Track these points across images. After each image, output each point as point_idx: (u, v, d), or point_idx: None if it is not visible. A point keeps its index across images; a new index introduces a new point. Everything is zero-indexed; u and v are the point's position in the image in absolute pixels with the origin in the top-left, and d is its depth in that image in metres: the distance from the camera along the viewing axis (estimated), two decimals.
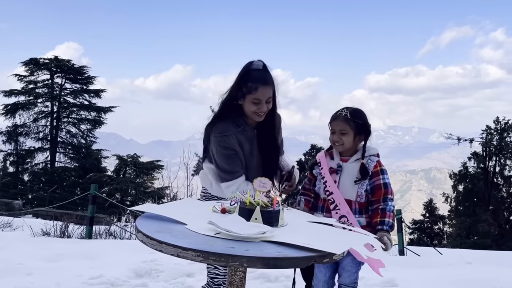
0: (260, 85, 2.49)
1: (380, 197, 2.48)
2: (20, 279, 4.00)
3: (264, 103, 2.51)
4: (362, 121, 2.49)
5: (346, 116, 2.47)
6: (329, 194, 2.47)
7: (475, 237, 23.95)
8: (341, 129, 2.46)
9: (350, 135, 2.46)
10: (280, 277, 4.38)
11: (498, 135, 26.28)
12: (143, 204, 2.19)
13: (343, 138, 2.46)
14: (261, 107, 2.51)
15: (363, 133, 2.50)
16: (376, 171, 2.50)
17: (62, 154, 26.30)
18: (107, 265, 4.63)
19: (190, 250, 1.53)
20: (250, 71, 2.54)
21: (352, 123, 2.46)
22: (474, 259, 6.50)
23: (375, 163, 2.51)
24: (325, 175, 2.49)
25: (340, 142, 2.47)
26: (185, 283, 4.22)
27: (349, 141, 2.47)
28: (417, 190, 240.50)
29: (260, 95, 2.49)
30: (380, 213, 2.45)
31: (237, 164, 2.54)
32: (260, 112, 2.53)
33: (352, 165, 2.50)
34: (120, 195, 21.81)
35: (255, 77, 2.51)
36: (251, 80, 2.50)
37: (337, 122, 2.49)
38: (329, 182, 2.48)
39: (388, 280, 4.41)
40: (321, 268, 2.58)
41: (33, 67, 25.68)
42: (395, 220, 2.57)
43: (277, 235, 1.74)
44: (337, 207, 2.44)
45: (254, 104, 2.51)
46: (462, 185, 26.52)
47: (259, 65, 2.56)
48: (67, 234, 7.56)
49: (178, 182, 10.84)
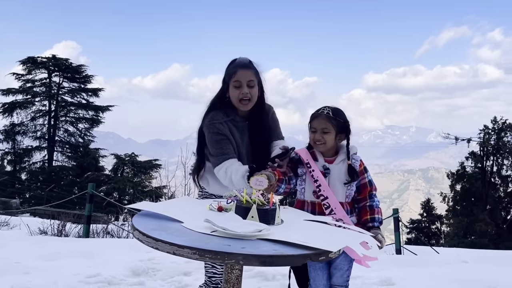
0: (239, 68, 2.57)
1: (366, 194, 2.51)
2: (17, 278, 4.00)
3: (246, 86, 2.55)
4: (343, 119, 2.46)
5: (328, 114, 2.42)
6: (324, 198, 2.40)
7: (472, 237, 23.99)
8: (323, 128, 2.41)
9: (332, 134, 2.42)
10: (277, 275, 4.39)
11: (495, 135, 26.31)
12: (140, 202, 2.19)
13: (325, 137, 2.42)
14: (243, 89, 2.55)
15: (343, 132, 2.47)
16: (361, 170, 2.50)
17: (59, 153, 26.27)
18: (104, 263, 4.63)
19: (186, 247, 1.53)
20: (230, 64, 2.65)
21: (334, 121, 2.42)
22: (471, 258, 6.53)
23: (359, 162, 2.50)
24: (319, 178, 2.41)
25: (322, 141, 2.42)
26: (182, 282, 4.23)
27: (331, 140, 2.43)
28: (414, 190, 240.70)
29: (239, 77, 2.55)
30: (368, 210, 2.48)
31: (227, 147, 2.54)
32: (244, 96, 2.56)
33: (339, 166, 2.46)
34: (118, 194, 21.78)
35: (235, 64, 2.61)
36: (230, 69, 2.60)
37: (319, 120, 2.43)
38: (324, 186, 2.41)
39: (385, 279, 4.43)
40: (318, 272, 2.53)
41: (31, 66, 25.60)
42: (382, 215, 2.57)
43: (273, 233, 1.74)
44: (332, 211, 2.38)
45: (236, 89, 2.56)
46: (460, 184, 26.55)
47: (242, 58, 2.65)
48: (65, 233, 7.55)
49: (176, 181, 10.84)
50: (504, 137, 26.18)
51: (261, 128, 2.69)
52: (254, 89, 2.59)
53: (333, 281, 2.54)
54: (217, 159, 2.52)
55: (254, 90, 2.59)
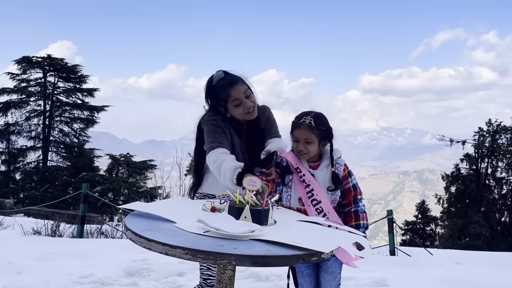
0: (230, 88, 2.56)
1: (351, 199, 2.48)
2: (10, 278, 3.99)
3: (245, 99, 2.57)
4: (325, 127, 2.40)
5: (310, 124, 2.36)
6: (317, 203, 2.36)
7: (466, 239, 24.06)
8: (305, 138, 2.36)
9: (315, 143, 2.37)
10: (271, 276, 4.39)
11: (490, 137, 26.43)
12: (133, 202, 2.19)
13: (308, 147, 2.37)
14: (245, 104, 2.57)
15: (326, 139, 2.42)
16: (345, 175, 2.47)
17: (54, 153, 26.17)
18: (98, 264, 4.63)
19: (179, 248, 1.53)
20: (213, 86, 2.62)
21: (317, 130, 2.36)
22: (464, 259, 6.55)
23: (343, 166, 2.46)
24: (311, 182, 2.38)
25: (305, 151, 2.38)
26: (176, 282, 4.22)
27: (314, 149, 2.39)
28: (409, 191, 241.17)
29: (236, 95, 2.56)
30: (353, 216, 2.46)
31: (221, 137, 2.53)
32: (247, 109, 2.58)
33: (323, 172, 2.42)
34: (112, 195, 21.72)
35: (221, 86, 2.59)
36: (220, 91, 2.58)
37: (301, 130, 2.37)
38: (316, 190, 2.37)
39: (378, 280, 4.43)
40: (306, 278, 2.51)
41: (25, 66, 25.46)
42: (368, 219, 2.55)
43: (266, 233, 1.74)
44: (325, 216, 2.35)
45: (237, 107, 2.57)
46: (455, 186, 26.64)
47: (219, 75, 2.63)
48: (58, 233, 7.52)
49: (171, 182, 10.84)
50: (498, 139, 26.31)
51: (257, 130, 2.70)
52: (251, 96, 2.62)
53: (325, 286, 2.50)
54: (211, 146, 2.51)
55: (252, 97, 2.63)
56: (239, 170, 2.27)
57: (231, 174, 2.30)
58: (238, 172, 2.27)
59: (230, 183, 2.30)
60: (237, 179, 2.24)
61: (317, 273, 2.53)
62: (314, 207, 2.37)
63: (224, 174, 2.34)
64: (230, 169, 2.31)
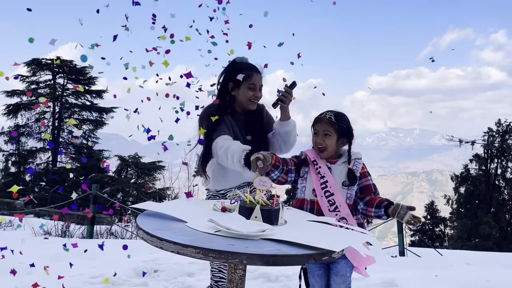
0: (255, 72, 2.76)
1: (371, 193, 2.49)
2: (20, 278, 4.02)
3: (258, 90, 2.77)
4: (345, 124, 2.50)
5: (330, 118, 2.48)
6: (330, 195, 2.41)
7: (476, 239, 23.91)
8: (324, 130, 2.47)
9: (333, 138, 2.47)
10: (281, 277, 4.38)
11: (500, 137, 26.27)
12: (144, 202, 2.20)
13: (326, 140, 2.46)
14: (256, 92, 2.75)
15: (345, 137, 2.51)
16: (364, 172, 2.51)
17: (63, 155, 26.34)
18: (108, 264, 4.65)
19: (190, 247, 1.54)
20: (238, 63, 2.80)
21: (336, 125, 2.47)
22: (474, 260, 6.51)
23: (361, 165, 2.52)
24: (326, 174, 2.44)
25: (323, 144, 2.46)
26: (185, 283, 4.23)
27: (332, 144, 2.47)
28: (418, 192, 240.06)
29: (255, 81, 2.75)
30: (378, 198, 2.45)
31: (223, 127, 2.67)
32: (256, 98, 2.76)
33: (340, 168, 2.48)
34: (121, 196, 21.81)
35: (248, 66, 2.78)
36: (245, 68, 2.75)
37: (321, 124, 2.49)
38: (331, 182, 2.42)
39: (388, 280, 4.41)
40: (317, 279, 2.53)
41: (35, 68, 25.72)
42: None
43: (276, 233, 1.75)
44: (337, 208, 2.38)
45: (250, 90, 2.74)
46: (464, 187, 26.51)
47: (245, 59, 2.83)
48: (68, 233, 7.57)
49: (180, 183, 10.85)
50: (508, 139, 26.14)
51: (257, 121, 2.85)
52: (261, 93, 2.81)
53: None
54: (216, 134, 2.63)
55: (261, 94, 2.81)
56: (247, 151, 2.43)
57: (239, 155, 2.44)
58: (245, 152, 2.42)
59: (238, 164, 2.44)
60: (245, 160, 2.38)
61: (328, 275, 2.53)
62: (326, 199, 2.41)
63: (232, 156, 2.47)
64: (238, 151, 2.46)
